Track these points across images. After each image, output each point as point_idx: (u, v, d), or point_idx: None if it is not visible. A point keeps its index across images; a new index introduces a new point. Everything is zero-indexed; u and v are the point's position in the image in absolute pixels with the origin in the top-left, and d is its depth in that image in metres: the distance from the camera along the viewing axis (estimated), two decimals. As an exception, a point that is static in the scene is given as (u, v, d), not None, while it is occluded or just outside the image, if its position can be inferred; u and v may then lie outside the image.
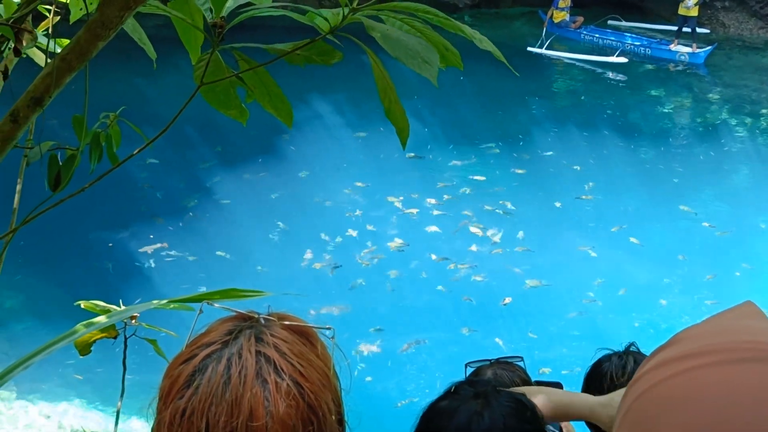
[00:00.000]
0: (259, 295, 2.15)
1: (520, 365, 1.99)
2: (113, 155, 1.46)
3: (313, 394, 0.88)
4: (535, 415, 1.46)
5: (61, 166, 1.40)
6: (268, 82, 1.45)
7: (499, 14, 18.24)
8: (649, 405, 0.58)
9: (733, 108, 13.81)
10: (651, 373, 0.61)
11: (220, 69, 1.48)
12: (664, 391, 0.58)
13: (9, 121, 1.18)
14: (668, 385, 0.58)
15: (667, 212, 9.88)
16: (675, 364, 0.59)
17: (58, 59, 1.17)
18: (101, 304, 2.33)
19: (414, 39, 1.23)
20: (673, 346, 0.62)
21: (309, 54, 1.37)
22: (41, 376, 6.69)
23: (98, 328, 2.20)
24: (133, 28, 1.62)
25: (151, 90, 12.09)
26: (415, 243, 9.01)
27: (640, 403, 0.60)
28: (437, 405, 1.48)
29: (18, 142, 1.35)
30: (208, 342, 0.91)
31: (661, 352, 0.62)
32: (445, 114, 12.30)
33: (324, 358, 0.94)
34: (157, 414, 0.91)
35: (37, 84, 1.18)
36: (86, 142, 1.33)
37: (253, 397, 0.85)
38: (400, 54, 1.17)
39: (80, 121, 1.34)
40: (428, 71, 1.17)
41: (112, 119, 1.41)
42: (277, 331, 0.92)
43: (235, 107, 1.53)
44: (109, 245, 8.83)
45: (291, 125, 1.47)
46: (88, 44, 1.18)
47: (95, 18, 1.18)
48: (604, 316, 7.89)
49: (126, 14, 1.18)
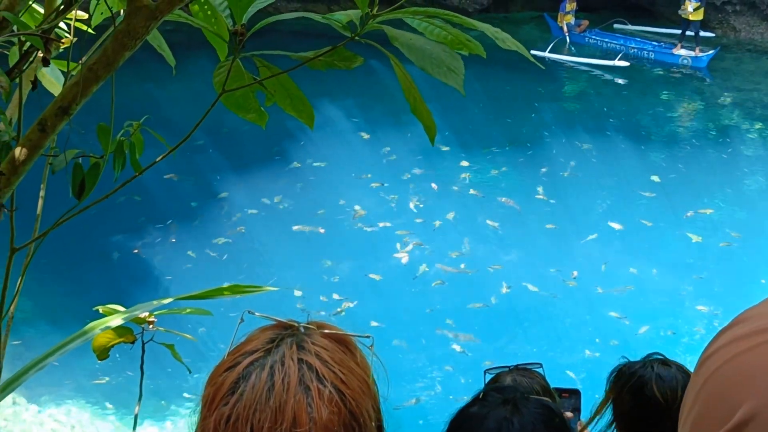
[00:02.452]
0: (262, 290, 2.17)
1: (539, 372, 1.99)
2: (136, 162, 1.47)
3: (355, 401, 0.89)
4: (563, 422, 1.46)
5: (86, 174, 1.41)
6: (289, 86, 1.46)
7: (508, 18, 18.23)
8: (729, 375, 0.58)
9: (744, 112, 13.76)
10: (725, 349, 0.60)
11: (240, 75, 1.49)
12: (746, 361, 0.58)
13: (37, 130, 1.20)
14: (749, 356, 0.58)
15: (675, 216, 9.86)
16: (752, 338, 0.59)
17: (85, 69, 1.18)
18: (120, 308, 2.34)
19: (438, 47, 1.23)
20: (740, 324, 0.62)
21: (331, 60, 1.38)
22: (53, 380, 6.72)
23: (112, 329, 2.22)
24: (152, 35, 1.64)
25: (161, 95, 12.16)
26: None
27: (717, 376, 0.59)
28: (466, 411, 1.48)
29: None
30: (251, 350, 0.93)
31: (728, 331, 0.62)
32: (456, 117, 12.32)
33: (363, 366, 0.95)
34: (201, 421, 0.92)
35: (65, 93, 1.20)
36: (111, 150, 1.35)
37: (296, 404, 0.86)
38: (426, 64, 1.18)
39: (105, 129, 1.35)
40: (454, 79, 1.17)
41: (135, 127, 1.42)
42: (317, 340, 0.94)
43: (254, 111, 1.54)
44: (123, 251, 8.88)
45: (312, 126, 1.48)
46: (115, 54, 1.19)
47: (122, 28, 1.19)
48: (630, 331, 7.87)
49: (152, 24, 1.20)
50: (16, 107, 1.34)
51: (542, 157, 11.42)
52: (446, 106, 11.01)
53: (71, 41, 1.46)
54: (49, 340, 6.91)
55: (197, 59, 8.16)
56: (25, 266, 1.51)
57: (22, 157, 1.22)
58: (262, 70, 1.45)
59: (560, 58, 15.95)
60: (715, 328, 1.82)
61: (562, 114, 13.37)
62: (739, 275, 8.52)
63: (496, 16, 18.14)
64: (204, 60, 7.44)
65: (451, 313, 8.01)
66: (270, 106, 1.60)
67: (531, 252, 9.09)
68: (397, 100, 10.39)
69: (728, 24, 17.84)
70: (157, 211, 9.59)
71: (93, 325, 2.08)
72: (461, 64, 1.21)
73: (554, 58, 15.84)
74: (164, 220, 9.50)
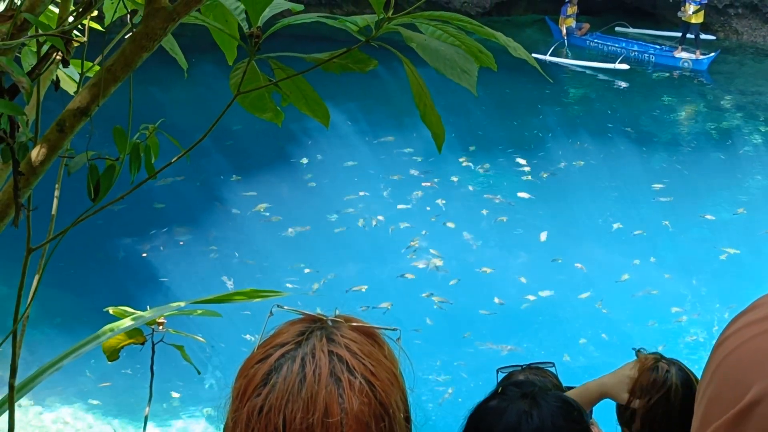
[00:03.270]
0: (278, 295, 2.18)
1: (552, 371, 2.00)
2: (150, 166, 1.48)
3: (384, 393, 0.91)
4: (582, 415, 1.47)
5: (101, 176, 1.42)
6: (304, 87, 1.47)
7: (510, 22, 18.28)
8: (743, 357, 0.61)
9: (747, 115, 13.77)
10: (739, 333, 0.63)
11: (255, 76, 1.51)
12: (757, 345, 0.60)
13: (56, 130, 1.21)
14: (759, 340, 0.60)
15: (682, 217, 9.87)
16: (764, 323, 0.61)
17: (104, 70, 1.19)
18: (129, 309, 2.35)
19: (451, 48, 1.24)
20: (755, 310, 0.64)
21: (345, 62, 1.39)
22: (59, 382, 6.73)
23: (124, 331, 2.23)
24: (166, 38, 1.65)
25: (166, 99, 12.18)
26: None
27: (731, 358, 0.62)
28: (486, 405, 1.50)
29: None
30: (282, 342, 0.94)
31: (743, 317, 0.65)
32: (460, 120, 12.34)
33: (391, 359, 0.97)
34: (232, 413, 0.93)
35: (84, 94, 1.21)
36: (127, 152, 1.36)
37: (328, 395, 0.88)
38: (439, 65, 1.19)
39: (121, 132, 1.36)
40: (467, 80, 1.19)
41: (151, 131, 1.43)
42: (346, 332, 0.95)
43: (270, 110, 1.56)
44: (129, 253, 8.89)
45: (328, 125, 1.50)
46: (133, 55, 1.20)
47: (140, 30, 1.20)
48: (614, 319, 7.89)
49: (170, 26, 1.21)
50: (33, 108, 1.35)
51: (550, 158, 11.44)
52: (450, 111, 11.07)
53: (85, 41, 1.47)
54: (56, 342, 6.94)
55: (202, 64, 8.20)
56: (42, 267, 1.52)
57: (40, 157, 1.23)
58: (277, 72, 1.46)
59: (561, 61, 15.99)
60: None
61: (564, 116, 13.41)
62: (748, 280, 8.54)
63: (498, 20, 18.18)
64: (210, 65, 7.46)
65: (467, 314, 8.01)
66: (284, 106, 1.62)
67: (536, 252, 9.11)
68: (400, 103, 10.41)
69: (730, 27, 17.87)
70: (165, 213, 9.61)
71: (107, 329, 2.10)
72: (474, 66, 1.23)
73: (555, 61, 15.88)
74: (171, 222, 9.51)
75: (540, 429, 1.41)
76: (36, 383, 2.01)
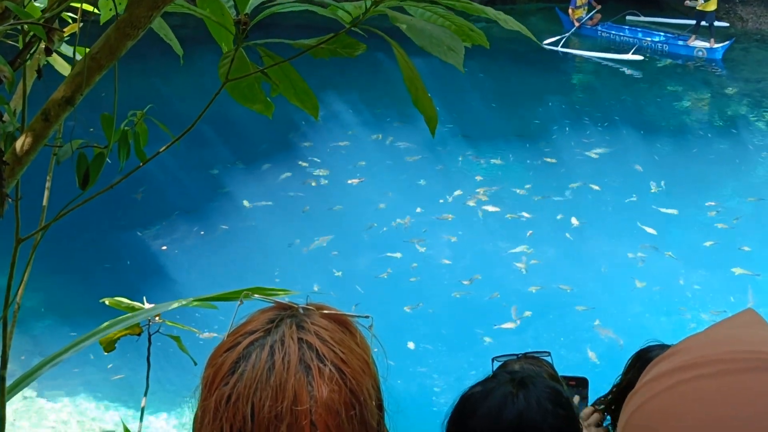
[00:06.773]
0: (288, 293, 2.17)
1: (547, 360, 1.99)
2: (141, 152, 1.47)
3: (355, 380, 0.90)
4: (570, 404, 1.46)
5: (90, 164, 1.41)
6: (293, 77, 1.46)
7: (515, 10, 18.18)
8: (647, 417, 0.59)
9: (753, 102, 13.68)
10: (648, 385, 0.61)
11: (244, 65, 1.49)
12: (660, 404, 0.58)
13: (41, 119, 1.20)
14: (664, 398, 0.58)
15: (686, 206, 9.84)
16: (673, 375, 0.59)
17: (89, 58, 1.18)
18: (125, 300, 2.35)
19: (438, 28, 1.24)
20: (671, 357, 0.62)
21: (334, 47, 1.38)
22: (59, 374, 6.75)
23: (125, 326, 2.23)
24: (159, 25, 1.63)
25: (167, 90, 12.17)
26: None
27: (638, 416, 0.60)
28: (474, 388, 1.49)
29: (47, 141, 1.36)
30: (251, 330, 0.93)
31: (659, 363, 0.63)
32: (464, 109, 12.28)
33: (363, 346, 0.96)
34: (201, 402, 0.93)
35: (68, 83, 1.20)
36: (115, 140, 1.35)
37: (296, 382, 0.87)
38: (426, 43, 1.18)
39: (109, 119, 1.35)
40: (453, 58, 1.18)
41: (139, 117, 1.42)
42: (317, 320, 0.95)
43: (260, 101, 1.54)
44: (128, 243, 8.90)
45: (317, 117, 1.48)
46: (118, 43, 1.19)
47: (124, 17, 1.19)
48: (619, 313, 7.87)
49: (154, 14, 1.20)
50: (20, 98, 1.34)
51: (559, 150, 11.38)
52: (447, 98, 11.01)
53: (78, 27, 1.46)
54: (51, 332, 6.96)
55: (204, 54, 8.16)
56: (30, 257, 1.51)
57: (25, 147, 1.22)
58: (266, 60, 1.45)
59: (573, 52, 15.86)
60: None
61: (570, 107, 13.32)
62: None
63: (501, 8, 18.02)
64: (212, 54, 7.39)
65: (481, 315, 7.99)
66: (275, 97, 1.60)
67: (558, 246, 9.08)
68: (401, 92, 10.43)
69: (735, 14, 17.74)
70: (163, 204, 9.61)
71: (109, 324, 2.10)
72: (461, 44, 1.22)
73: (567, 52, 15.76)
74: (169, 214, 9.51)
75: (525, 410, 1.38)
76: (36, 376, 2.02)
